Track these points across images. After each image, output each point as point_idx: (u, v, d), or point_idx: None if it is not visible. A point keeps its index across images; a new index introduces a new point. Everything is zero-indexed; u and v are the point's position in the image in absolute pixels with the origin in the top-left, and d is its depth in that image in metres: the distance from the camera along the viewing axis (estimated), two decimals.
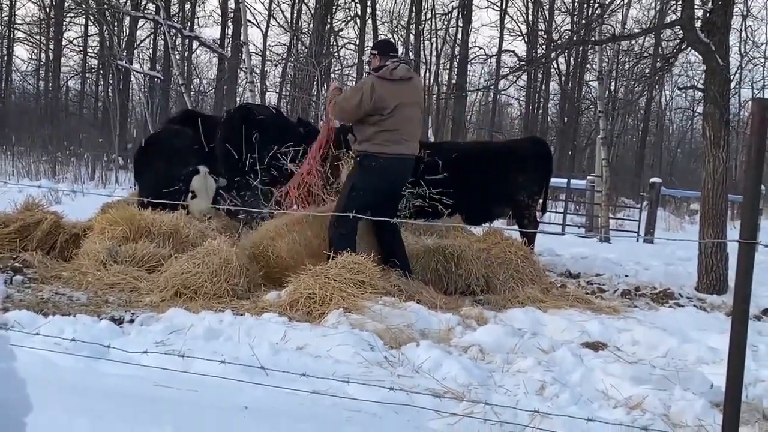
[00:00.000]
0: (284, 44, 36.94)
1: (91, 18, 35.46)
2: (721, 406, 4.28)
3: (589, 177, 23.82)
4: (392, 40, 29.88)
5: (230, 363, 4.94)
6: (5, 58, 40.51)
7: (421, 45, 35.31)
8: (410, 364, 5.68)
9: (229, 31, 35.52)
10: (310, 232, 8.71)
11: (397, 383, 5.05)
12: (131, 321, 6.66)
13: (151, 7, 31.95)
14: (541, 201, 12.06)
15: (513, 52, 35.93)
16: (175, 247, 8.84)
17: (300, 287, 7.41)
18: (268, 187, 10.31)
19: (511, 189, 11.44)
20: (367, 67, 34.81)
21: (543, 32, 35.16)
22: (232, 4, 34.07)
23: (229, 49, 32.80)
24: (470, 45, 36.15)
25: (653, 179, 21.66)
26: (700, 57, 10.73)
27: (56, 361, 4.99)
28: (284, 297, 7.42)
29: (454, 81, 36.64)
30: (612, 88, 32.97)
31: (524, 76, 36.09)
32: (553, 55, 19.72)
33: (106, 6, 29.80)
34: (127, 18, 33.73)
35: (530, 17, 37.46)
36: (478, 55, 37.12)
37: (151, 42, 38.60)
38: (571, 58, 36.52)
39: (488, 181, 11.35)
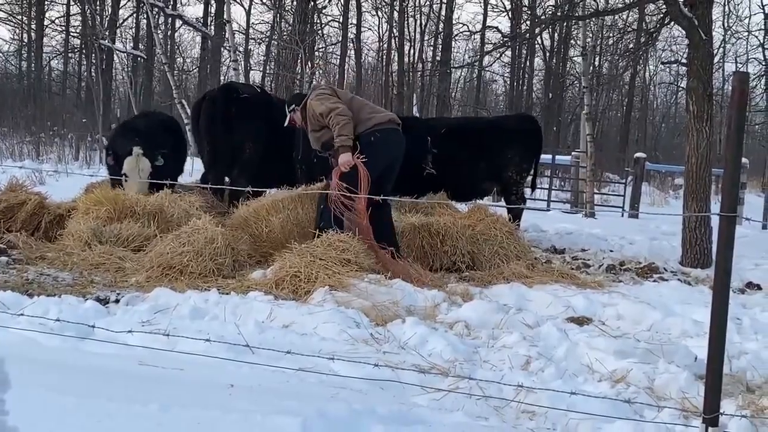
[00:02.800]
0: (268, 22, 36.87)
1: None
2: (704, 378, 4.31)
3: (574, 153, 23.87)
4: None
5: (216, 341, 4.94)
6: None
7: (405, 22, 35.21)
8: (396, 341, 5.69)
9: (212, 10, 35.33)
10: (302, 210, 8.74)
11: (383, 360, 5.06)
12: (116, 301, 6.65)
13: None
14: (530, 178, 12.08)
15: (497, 28, 35.92)
16: (159, 226, 8.80)
17: (286, 265, 7.43)
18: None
19: (499, 166, 11.45)
20: (351, 45, 34.75)
21: (527, 8, 35.04)
22: None
23: (212, 27, 32.61)
24: (454, 21, 36.17)
25: (638, 154, 21.70)
26: (684, 31, 10.74)
27: (41, 341, 4.99)
28: (270, 275, 7.43)
29: (438, 58, 36.58)
30: (596, 63, 32.98)
31: (508, 53, 36.19)
32: (536, 30, 19.69)
33: None
34: None
35: None
36: (462, 32, 37.10)
37: (134, 21, 38.41)
38: (555, 34, 36.51)
39: (477, 157, 11.34)
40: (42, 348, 4.88)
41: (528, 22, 26.11)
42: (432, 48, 37.91)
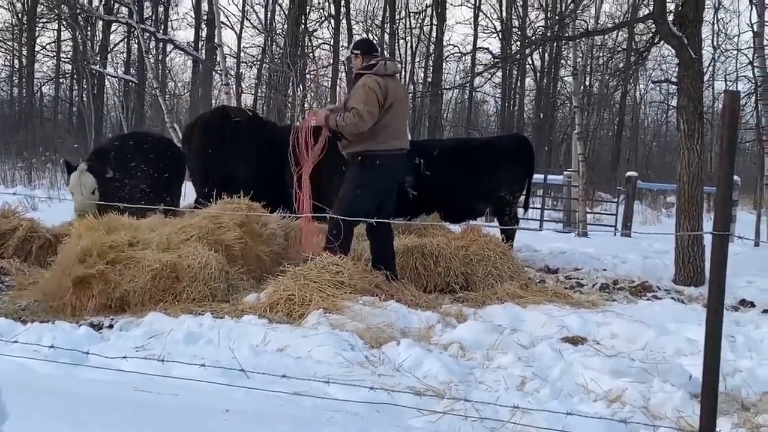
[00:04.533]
0: (259, 45, 36.88)
1: (64, 23, 35.20)
2: (700, 397, 4.30)
3: (566, 172, 23.92)
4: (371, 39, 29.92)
5: (210, 366, 4.92)
6: None
7: (396, 44, 35.36)
8: (391, 363, 5.69)
9: (203, 34, 35.36)
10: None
11: (378, 382, 5.06)
12: (110, 326, 6.65)
13: (125, 10, 31.71)
14: (523, 198, 12.11)
15: (487, 49, 36.06)
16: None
17: (279, 289, 7.42)
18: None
19: (492, 186, 11.46)
20: (342, 67, 34.86)
21: (517, 29, 35.24)
22: (205, 7, 33.91)
23: (203, 51, 32.65)
24: (445, 43, 36.26)
25: (629, 173, 21.74)
26: (673, 50, 10.80)
27: (35, 369, 4.97)
28: (264, 299, 7.42)
29: (429, 79, 36.69)
30: (587, 83, 33.07)
31: (499, 73, 36.27)
32: (527, 51, 19.78)
33: (78, 11, 29.63)
34: (100, 22, 33.57)
35: (504, 14, 37.52)
36: (452, 53, 37.23)
37: (125, 46, 38.39)
38: (546, 54, 36.62)
39: (470, 178, 11.36)
40: (36, 375, 4.87)
41: (518, 43, 26.25)
42: (423, 69, 38.06)
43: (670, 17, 10.33)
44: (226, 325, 6.41)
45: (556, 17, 21.75)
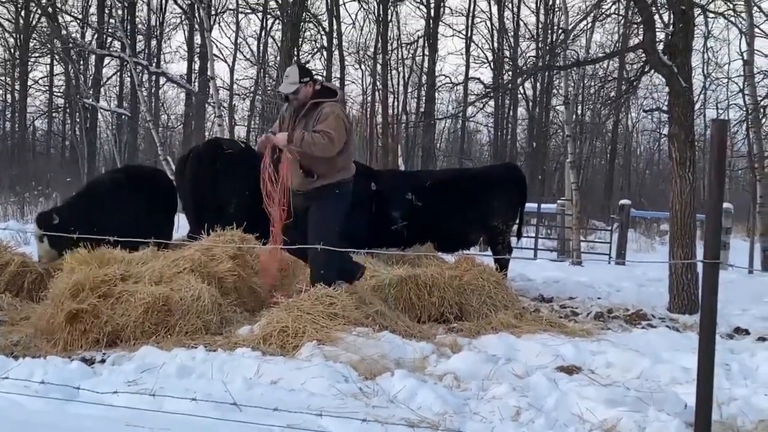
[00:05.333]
0: (252, 78, 36.96)
1: (57, 57, 35.32)
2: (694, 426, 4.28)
3: (559, 201, 23.93)
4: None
5: (202, 400, 4.90)
6: None
7: (389, 74, 35.42)
8: (385, 395, 5.66)
9: (196, 66, 35.48)
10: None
11: (372, 414, 5.03)
12: (102, 361, 6.61)
13: (117, 44, 31.79)
14: (515, 227, 12.12)
15: (479, 79, 36.13)
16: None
17: (273, 321, 7.39)
18: None
19: (484, 216, 11.48)
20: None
21: (508, 59, 35.40)
22: (198, 40, 34.07)
23: (196, 84, 32.77)
24: (437, 73, 36.36)
25: (623, 201, 21.76)
26: (664, 79, 10.85)
27: (25, 405, 4.94)
28: (257, 331, 7.39)
29: (422, 109, 36.77)
30: (579, 112, 33.20)
31: (491, 103, 36.33)
32: (519, 80, 19.89)
33: (71, 45, 29.71)
34: (93, 56, 33.65)
35: (495, 44, 37.68)
36: (445, 84, 37.35)
37: (118, 79, 38.42)
38: (538, 84, 36.73)
39: (462, 208, 11.38)
40: (26, 411, 4.83)
41: (510, 73, 26.35)
42: (416, 99, 38.12)
43: (660, 46, 10.39)
44: (219, 358, 6.38)
45: (547, 47, 21.85)
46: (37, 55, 38.15)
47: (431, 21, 34.19)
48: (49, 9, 32.97)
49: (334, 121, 8.17)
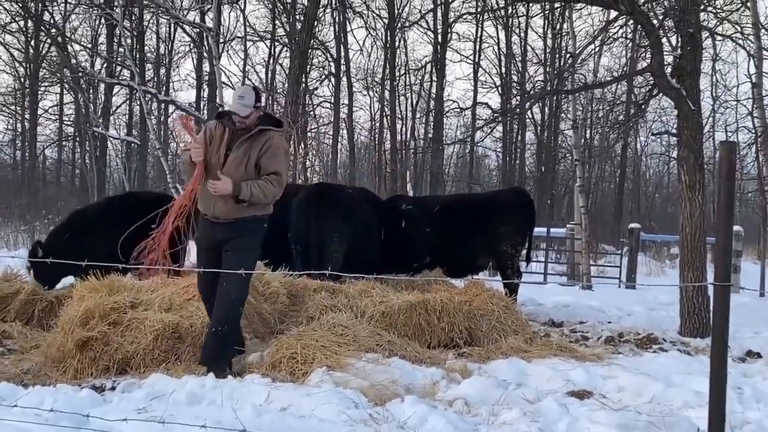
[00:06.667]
0: None
1: (67, 86, 35.49)
2: None
3: (568, 225, 23.91)
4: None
5: (212, 427, 4.88)
6: None
7: (396, 101, 35.52)
8: (395, 421, 5.64)
9: (205, 94, 35.62)
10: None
11: None
12: (113, 388, 6.62)
13: (126, 73, 31.93)
14: (524, 251, 12.11)
15: (486, 104, 36.15)
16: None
17: (282, 347, 7.39)
18: None
19: (494, 240, 11.49)
20: (344, 124, 35.06)
21: (516, 83, 35.46)
22: (206, 68, 34.22)
23: (205, 111, 32.86)
24: (445, 99, 36.40)
25: (632, 225, 21.71)
26: (672, 102, 10.85)
27: None
28: (267, 358, 7.38)
29: (430, 135, 36.82)
30: (587, 135, 33.19)
31: (500, 128, 36.36)
32: (527, 105, 19.87)
33: (81, 74, 29.87)
34: (103, 85, 33.82)
35: (503, 69, 37.74)
36: (453, 109, 37.41)
37: (127, 107, 38.58)
38: (546, 108, 36.79)
39: (471, 233, 11.40)
40: None
41: (518, 98, 26.38)
42: (424, 125, 38.15)
43: (668, 69, 10.40)
44: (229, 385, 6.37)
45: (555, 71, 21.88)
46: (47, 84, 38.33)
47: (439, 47, 34.26)
48: (59, 38, 33.19)
49: (284, 160, 7.60)
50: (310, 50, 28.83)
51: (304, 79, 33.42)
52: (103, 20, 32.68)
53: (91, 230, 10.68)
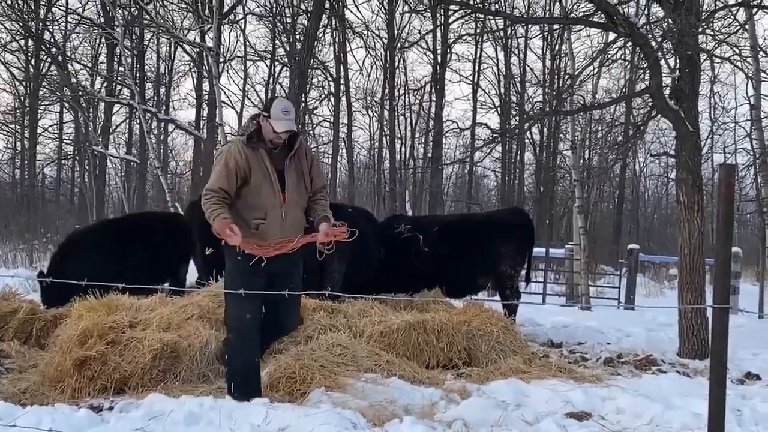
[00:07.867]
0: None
1: (66, 105, 35.54)
2: None
3: (567, 245, 23.88)
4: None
5: None
6: None
7: (396, 120, 35.59)
8: None
9: (205, 113, 35.60)
10: None
11: None
12: (111, 408, 6.60)
13: (126, 92, 32.01)
14: (524, 271, 12.11)
15: (486, 124, 36.23)
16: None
17: (280, 367, 7.38)
18: None
19: (493, 260, 11.49)
20: (342, 143, 35.09)
21: (515, 104, 35.55)
22: (206, 87, 34.29)
23: (204, 130, 32.90)
24: (444, 119, 36.47)
25: (631, 246, 21.69)
26: (671, 124, 10.87)
27: None
28: (264, 378, 7.36)
29: (429, 155, 36.88)
30: (586, 156, 33.26)
31: (499, 148, 36.43)
32: (526, 125, 19.94)
33: (81, 93, 29.93)
34: (102, 104, 33.88)
35: (502, 90, 37.86)
36: (452, 129, 37.46)
37: (127, 126, 38.61)
38: (545, 129, 36.84)
39: (470, 253, 11.40)
40: None
41: (517, 118, 26.44)
42: (423, 145, 38.22)
43: (667, 91, 10.42)
44: (227, 406, 6.35)
45: (554, 92, 21.95)
46: (46, 102, 38.36)
47: (438, 67, 34.35)
48: (59, 57, 33.25)
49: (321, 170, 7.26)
50: (309, 70, 28.87)
51: (303, 99, 33.51)
52: (103, 39, 32.75)
53: (87, 254, 10.75)
